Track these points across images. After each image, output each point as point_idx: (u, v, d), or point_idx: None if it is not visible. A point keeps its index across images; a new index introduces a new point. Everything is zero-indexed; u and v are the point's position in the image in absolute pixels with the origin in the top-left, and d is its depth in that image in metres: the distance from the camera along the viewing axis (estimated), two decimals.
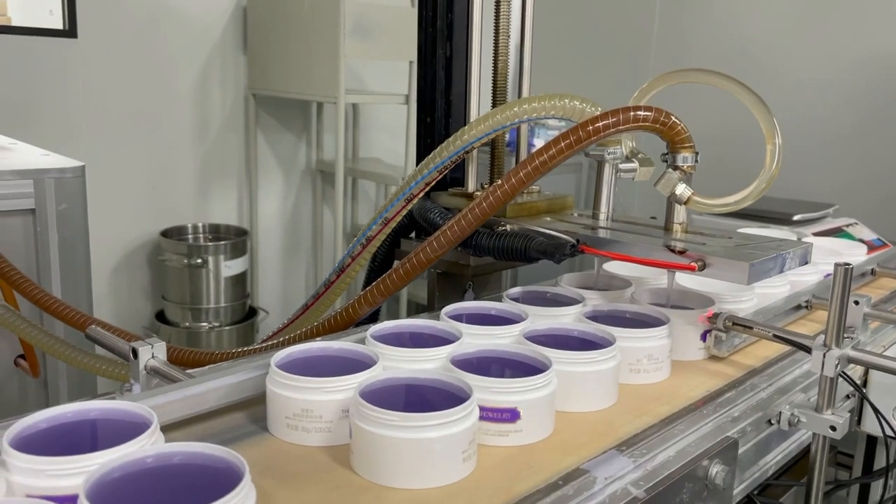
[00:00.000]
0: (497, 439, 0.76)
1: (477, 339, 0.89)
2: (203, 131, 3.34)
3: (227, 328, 3.18)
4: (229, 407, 0.82)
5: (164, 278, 3.21)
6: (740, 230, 1.30)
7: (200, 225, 3.36)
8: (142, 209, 3.20)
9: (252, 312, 3.35)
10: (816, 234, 1.87)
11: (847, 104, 3.25)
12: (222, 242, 3.19)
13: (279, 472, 0.71)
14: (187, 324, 3.14)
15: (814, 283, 1.28)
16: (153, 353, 0.85)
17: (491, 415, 0.76)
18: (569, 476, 0.71)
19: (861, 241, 1.98)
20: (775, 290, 1.22)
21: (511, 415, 0.76)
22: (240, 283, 3.23)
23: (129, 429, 0.64)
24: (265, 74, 3.33)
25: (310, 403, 0.75)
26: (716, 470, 0.77)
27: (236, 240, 3.23)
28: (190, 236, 3.32)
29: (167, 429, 0.76)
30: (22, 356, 1.71)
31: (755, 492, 1.01)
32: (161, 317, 3.22)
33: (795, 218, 2.23)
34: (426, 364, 0.82)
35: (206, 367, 0.93)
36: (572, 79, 4.12)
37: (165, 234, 3.19)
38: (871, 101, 3.19)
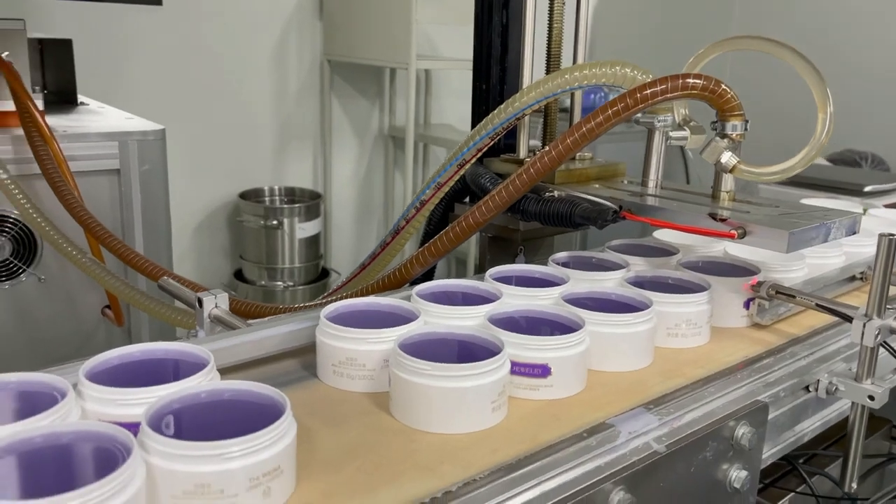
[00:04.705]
0: (528, 392, 0.80)
1: (516, 300, 0.92)
2: (280, 96, 3.44)
3: (300, 287, 3.30)
4: (283, 354, 0.89)
5: (242, 238, 3.35)
6: (803, 201, 1.28)
7: (277, 188, 3.48)
8: (221, 172, 3.34)
9: (325, 273, 3.47)
10: (888, 206, 1.81)
11: None
12: (297, 205, 3.30)
13: (324, 414, 0.77)
14: (263, 282, 3.28)
15: (870, 255, 1.26)
16: (216, 303, 0.93)
17: (523, 370, 0.80)
18: (593, 429, 0.75)
19: None
20: (829, 260, 1.21)
21: (542, 370, 0.80)
22: (313, 245, 3.34)
23: (189, 367, 0.71)
24: (340, 40, 3.39)
25: (354, 353, 0.80)
26: (742, 431, 0.78)
27: (310, 203, 3.34)
28: (266, 199, 3.45)
29: (227, 371, 0.83)
30: (108, 307, 1.85)
31: (801, 461, 1.02)
32: (239, 275, 3.37)
33: (867, 189, 2.15)
34: (465, 321, 0.86)
35: (266, 318, 1.00)
36: (648, 51, 4.04)
37: (243, 196, 3.32)
38: None
